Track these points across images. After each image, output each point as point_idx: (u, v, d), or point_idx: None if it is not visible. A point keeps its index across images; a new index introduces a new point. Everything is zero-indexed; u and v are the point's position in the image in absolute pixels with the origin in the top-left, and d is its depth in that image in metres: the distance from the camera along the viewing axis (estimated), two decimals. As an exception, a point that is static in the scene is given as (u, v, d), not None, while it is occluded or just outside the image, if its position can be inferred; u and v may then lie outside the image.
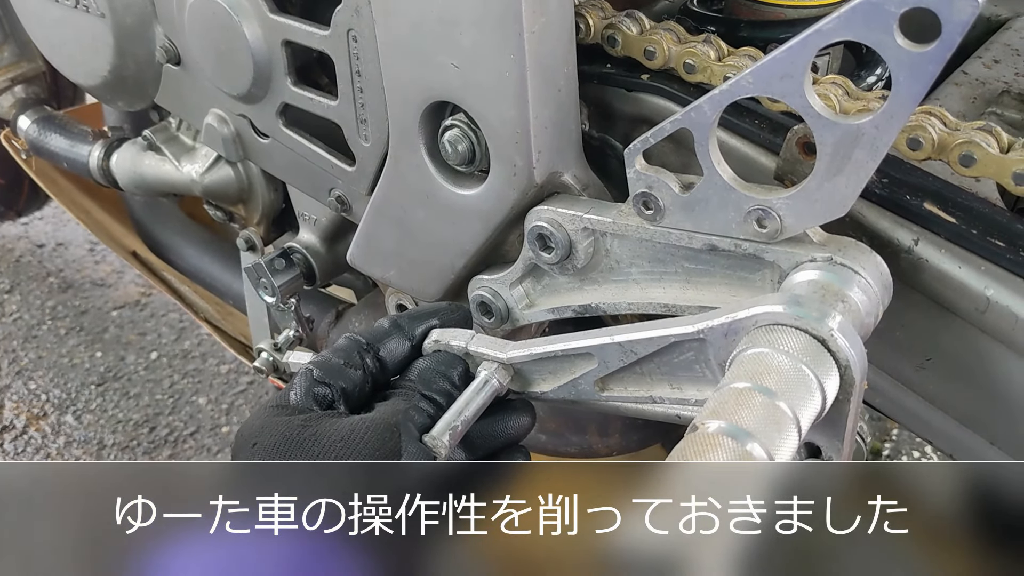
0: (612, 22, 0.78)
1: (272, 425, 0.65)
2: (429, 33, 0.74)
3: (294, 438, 0.63)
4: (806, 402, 0.55)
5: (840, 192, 0.60)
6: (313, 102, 0.90)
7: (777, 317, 0.58)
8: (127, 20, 1.03)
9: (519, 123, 0.73)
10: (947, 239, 0.65)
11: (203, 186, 1.14)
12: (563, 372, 0.74)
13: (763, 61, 0.58)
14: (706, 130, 0.63)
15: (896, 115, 0.56)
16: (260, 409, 0.68)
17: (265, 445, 0.63)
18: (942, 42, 0.52)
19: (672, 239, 0.70)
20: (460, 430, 0.70)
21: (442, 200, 0.83)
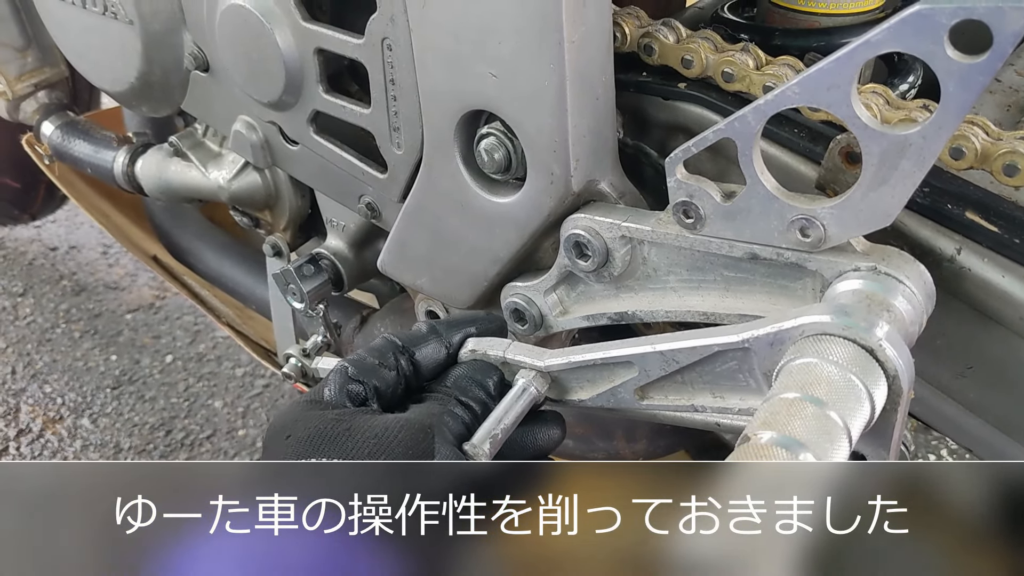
0: (648, 31, 0.78)
1: (306, 418, 0.65)
2: (467, 42, 0.74)
3: (328, 432, 0.63)
4: (856, 412, 0.55)
5: (885, 202, 0.60)
6: (345, 110, 0.91)
7: (825, 327, 0.59)
8: (155, 27, 1.04)
9: (557, 132, 0.73)
10: (990, 248, 0.66)
11: (230, 192, 1.14)
12: (602, 380, 0.74)
13: (810, 72, 0.59)
14: (750, 140, 0.63)
15: (944, 126, 0.56)
16: (293, 403, 0.68)
17: (299, 438, 0.64)
18: (993, 53, 0.52)
19: (712, 247, 0.70)
20: (500, 438, 0.70)
21: (476, 208, 0.83)
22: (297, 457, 0.63)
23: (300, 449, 0.63)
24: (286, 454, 0.63)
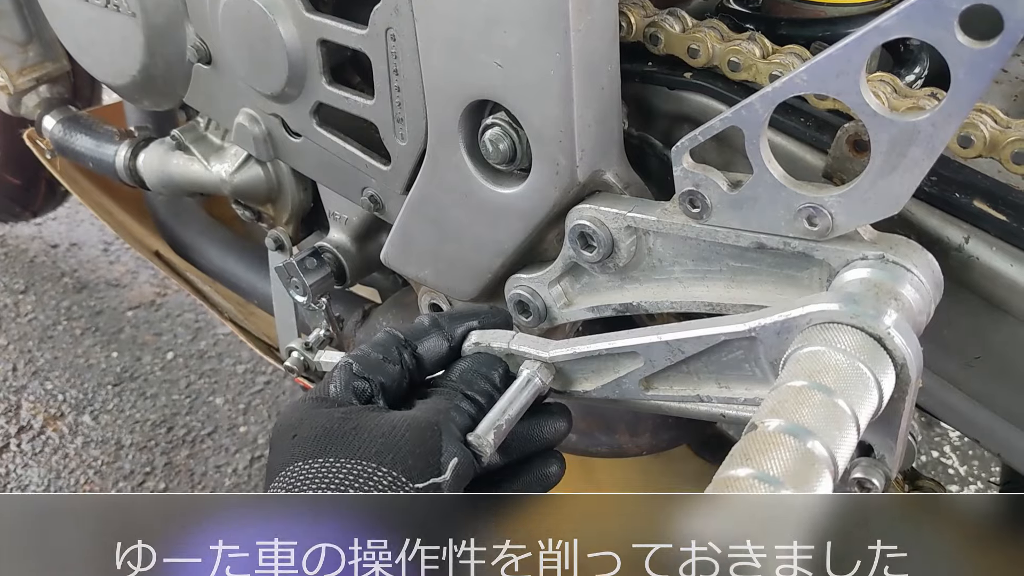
0: (654, 20, 0.78)
1: (312, 417, 0.65)
2: (472, 32, 0.73)
3: (334, 430, 0.63)
4: (864, 400, 0.55)
5: (894, 190, 0.60)
6: (348, 101, 0.90)
7: (832, 315, 0.58)
8: (158, 19, 1.03)
9: (563, 122, 0.72)
10: (998, 237, 0.65)
11: (232, 186, 1.14)
12: (607, 371, 0.74)
13: (818, 58, 0.58)
14: (757, 128, 0.63)
15: (954, 113, 0.55)
16: (299, 401, 0.68)
17: (305, 436, 0.63)
18: (1003, 39, 0.51)
19: (718, 237, 0.70)
20: (504, 429, 0.70)
21: (481, 199, 0.82)
22: (304, 457, 0.62)
23: (307, 448, 0.63)
24: (293, 453, 0.63)
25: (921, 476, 0.84)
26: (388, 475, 0.60)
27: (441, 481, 0.62)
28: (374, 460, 0.61)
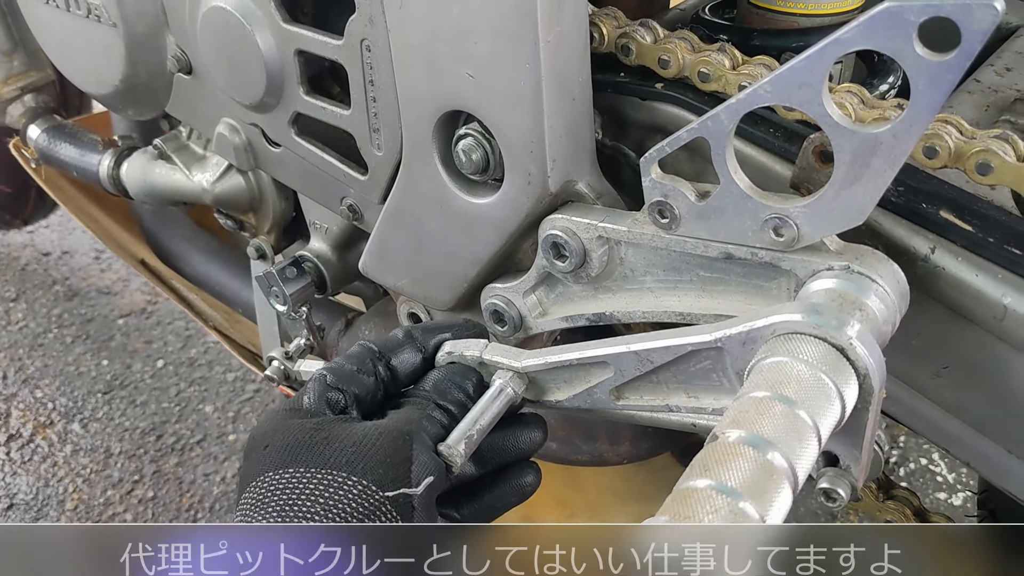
0: (626, 31, 0.78)
1: (285, 428, 0.65)
2: (444, 43, 0.74)
3: (306, 441, 0.63)
4: (826, 411, 0.55)
5: (858, 200, 0.60)
6: (326, 111, 0.91)
7: (796, 326, 0.58)
8: (139, 29, 1.04)
9: (534, 132, 0.73)
10: (964, 247, 0.65)
11: (214, 195, 1.14)
12: (578, 381, 0.74)
13: (781, 70, 0.59)
14: (723, 139, 0.63)
15: (915, 124, 0.56)
16: (272, 412, 0.68)
17: (277, 447, 0.63)
18: (961, 51, 0.52)
19: (687, 247, 0.70)
20: (476, 439, 0.70)
21: (455, 209, 0.83)
22: (275, 467, 0.62)
23: (278, 458, 0.63)
24: (264, 464, 0.63)
25: (896, 486, 0.84)
26: (358, 484, 0.60)
27: (412, 492, 0.62)
28: (344, 469, 0.61)
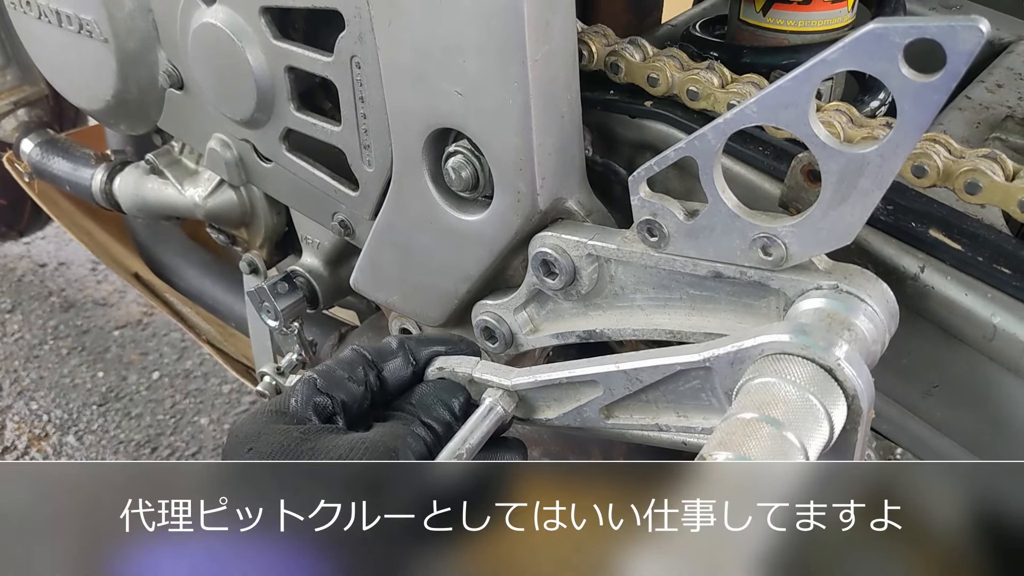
0: (615, 49, 0.78)
1: (269, 432, 0.63)
2: (433, 60, 0.74)
3: (291, 448, 0.62)
4: (814, 432, 0.55)
5: (846, 220, 0.60)
6: (316, 127, 0.90)
7: (783, 346, 0.58)
8: (130, 45, 1.04)
9: (523, 150, 0.73)
10: (953, 266, 0.65)
11: (206, 210, 1.14)
12: (568, 399, 0.74)
13: (767, 90, 0.58)
14: (710, 158, 0.63)
15: (901, 144, 0.56)
16: (256, 413, 0.66)
17: (260, 452, 0.62)
18: (947, 72, 0.52)
19: (677, 266, 0.70)
20: (465, 458, 0.70)
21: (445, 226, 0.82)
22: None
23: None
24: None
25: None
26: None
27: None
28: None
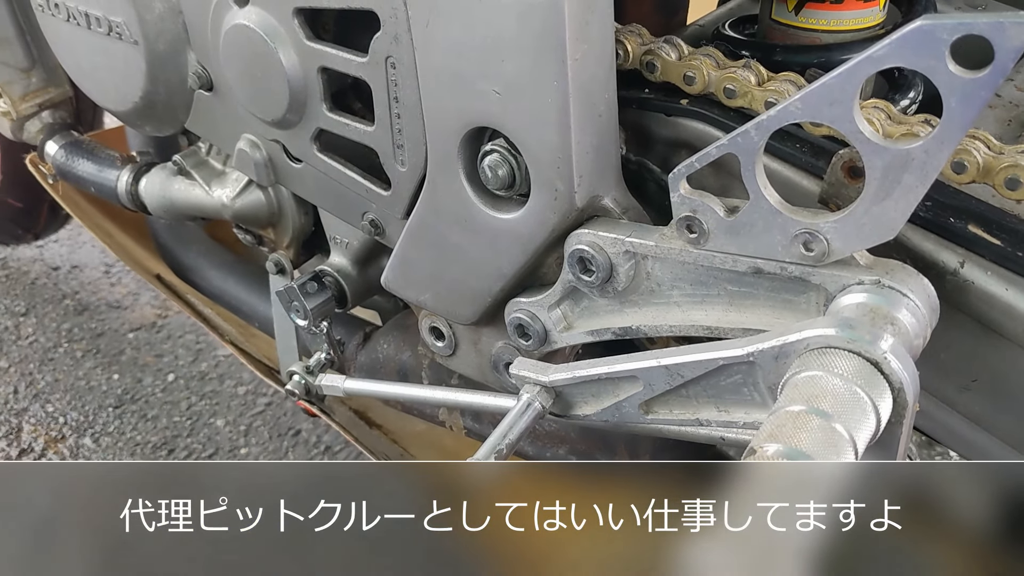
0: (651, 48, 0.78)
1: None
2: (471, 60, 0.74)
3: None
4: (861, 424, 0.55)
5: (888, 216, 0.61)
6: (349, 128, 0.91)
7: (829, 340, 0.59)
8: (160, 47, 1.04)
9: (561, 148, 0.73)
10: (992, 261, 0.66)
11: (233, 210, 1.14)
12: (606, 395, 0.75)
13: (812, 87, 0.59)
14: (753, 155, 0.64)
15: (946, 141, 0.56)
16: None
17: None
18: (995, 68, 0.52)
19: (716, 262, 0.70)
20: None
21: (480, 224, 0.83)
22: None
23: None
24: None
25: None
26: None
27: None
28: None
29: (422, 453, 1.37)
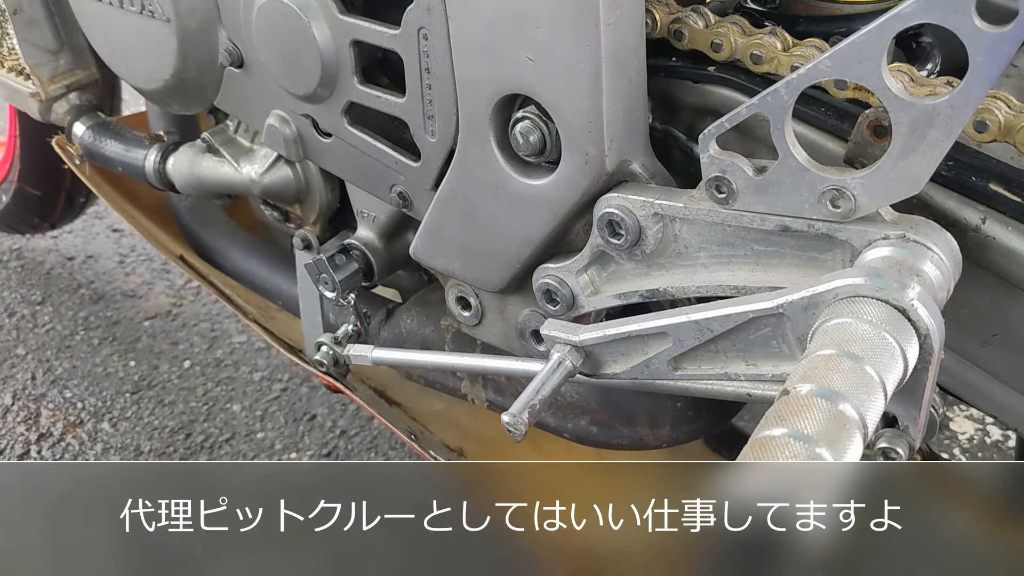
0: (678, 17, 0.81)
1: None
2: (504, 28, 0.77)
3: None
4: (890, 367, 0.58)
5: (914, 170, 0.63)
6: (380, 100, 0.93)
7: (858, 289, 0.61)
8: (191, 24, 1.07)
9: (592, 113, 0.75)
10: (1013, 218, 0.68)
11: (262, 186, 1.17)
12: (635, 353, 0.77)
13: (841, 45, 0.61)
14: (782, 114, 0.66)
15: (972, 95, 0.59)
16: None
17: None
18: (1018, 23, 0.55)
19: (744, 221, 0.73)
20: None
21: (511, 191, 0.85)
22: None
23: None
24: None
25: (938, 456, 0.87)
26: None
27: None
28: None
29: (441, 431, 1.39)
